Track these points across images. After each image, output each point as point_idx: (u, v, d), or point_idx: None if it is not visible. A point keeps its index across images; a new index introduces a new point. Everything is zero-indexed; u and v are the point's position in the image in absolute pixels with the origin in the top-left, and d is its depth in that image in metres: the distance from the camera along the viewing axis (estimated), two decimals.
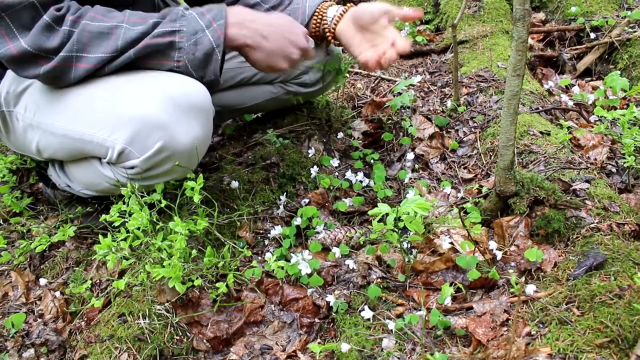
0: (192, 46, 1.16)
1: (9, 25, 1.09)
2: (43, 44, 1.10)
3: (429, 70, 2.19)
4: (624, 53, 2.19)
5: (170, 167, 1.20)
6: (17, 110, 1.33)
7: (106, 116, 1.17)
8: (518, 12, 1.20)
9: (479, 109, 1.82)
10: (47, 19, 1.10)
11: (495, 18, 2.33)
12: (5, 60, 1.13)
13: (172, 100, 1.14)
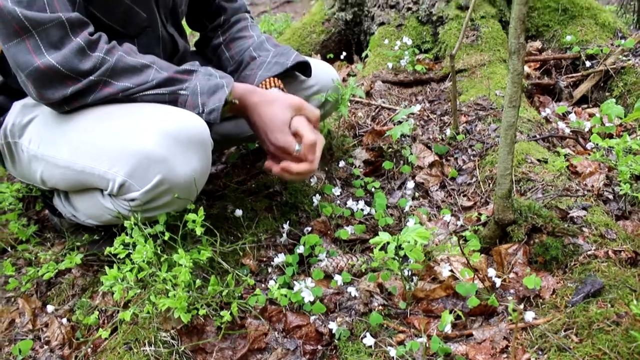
0: (205, 79, 1.24)
1: (37, 42, 1.12)
2: (75, 66, 1.14)
3: (428, 98, 2.24)
4: (619, 81, 2.23)
5: (170, 199, 1.23)
6: (21, 142, 1.37)
7: (107, 150, 1.21)
8: (513, 46, 1.23)
9: (478, 137, 1.86)
10: (82, 42, 1.14)
11: (492, 47, 2.38)
12: (31, 77, 1.15)
13: (171, 134, 1.17)
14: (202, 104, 1.23)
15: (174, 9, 1.50)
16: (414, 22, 2.61)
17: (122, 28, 1.34)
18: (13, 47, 1.13)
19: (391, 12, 2.66)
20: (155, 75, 1.21)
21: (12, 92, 1.40)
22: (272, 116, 1.31)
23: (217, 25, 1.63)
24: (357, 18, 2.83)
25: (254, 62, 1.52)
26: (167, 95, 1.22)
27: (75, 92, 1.17)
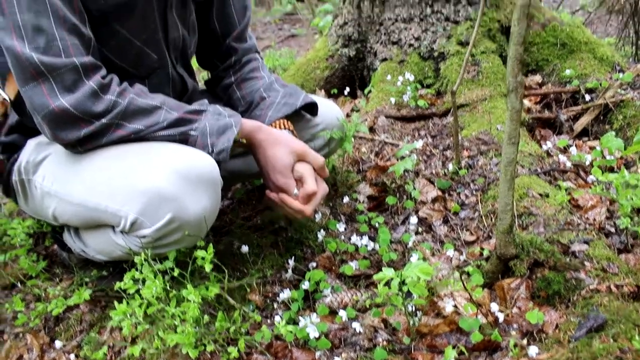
0: (214, 119, 1.29)
1: (52, 86, 1.16)
2: (88, 108, 1.18)
3: (431, 133, 2.27)
4: (618, 114, 2.26)
5: (180, 237, 1.26)
6: (35, 179, 1.41)
7: (120, 188, 1.24)
8: (511, 84, 1.27)
9: (480, 172, 1.89)
10: (94, 86, 1.18)
11: (493, 82, 2.43)
12: (46, 119, 1.19)
13: (182, 173, 1.20)
14: (212, 144, 1.27)
15: (184, 50, 1.55)
16: (416, 58, 2.66)
17: (134, 69, 1.39)
18: (29, 90, 1.17)
19: (393, 48, 2.72)
20: (166, 116, 1.25)
21: (27, 130, 1.44)
22: (275, 157, 1.37)
23: (229, 66, 1.67)
24: (360, 54, 2.89)
25: (263, 103, 1.56)
26: (178, 136, 1.27)
27: (88, 134, 1.21)
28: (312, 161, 1.42)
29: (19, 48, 1.13)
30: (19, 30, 1.13)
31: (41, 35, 1.14)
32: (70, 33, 1.17)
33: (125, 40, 1.34)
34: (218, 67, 1.69)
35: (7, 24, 1.13)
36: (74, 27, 1.18)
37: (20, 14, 1.13)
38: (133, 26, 1.33)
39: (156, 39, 1.41)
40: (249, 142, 1.37)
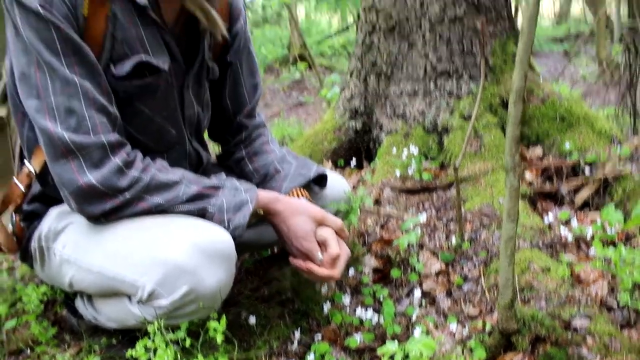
0: (231, 195, 1.35)
1: (80, 163, 1.24)
2: (113, 184, 1.25)
3: (435, 206, 2.33)
4: (618, 187, 2.32)
5: (195, 308, 1.30)
6: (55, 246, 1.46)
7: (140, 259, 1.29)
8: (509, 163, 1.34)
9: (483, 245, 1.94)
10: (119, 162, 1.26)
11: (495, 155, 2.50)
12: (73, 194, 1.26)
13: (200, 248, 1.26)
14: (228, 220, 1.33)
15: (198, 126, 1.64)
16: (421, 131, 2.76)
17: (155, 144, 1.47)
18: (59, 167, 1.25)
19: (399, 121, 2.82)
20: (185, 190, 1.33)
21: (48, 200, 1.51)
22: (297, 225, 1.44)
23: (239, 141, 1.75)
24: (366, 127, 2.99)
25: (278, 175, 1.64)
26: (197, 211, 1.33)
27: (113, 208, 1.28)
28: (332, 224, 1.48)
29: (52, 128, 1.21)
30: (52, 111, 1.22)
31: (72, 115, 1.22)
32: (99, 112, 1.26)
33: (147, 118, 1.43)
34: (229, 142, 1.77)
35: (41, 106, 1.22)
36: (102, 107, 1.27)
37: (54, 96, 1.22)
38: (155, 105, 1.42)
39: (175, 117, 1.50)
40: (267, 213, 1.44)
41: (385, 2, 2.86)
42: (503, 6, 2.89)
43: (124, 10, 1.29)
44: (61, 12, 1.19)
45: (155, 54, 1.36)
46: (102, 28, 1.27)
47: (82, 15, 1.23)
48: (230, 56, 1.62)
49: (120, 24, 1.29)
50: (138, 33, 1.32)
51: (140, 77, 1.35)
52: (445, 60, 2.77)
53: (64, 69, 1.21)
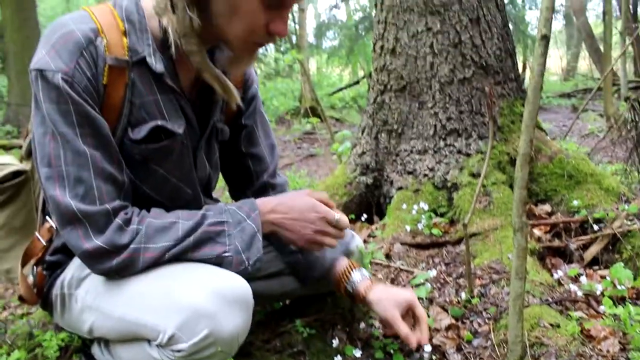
0: (239, 233, 1.38)
1: (86, 229, 1.29)
2: (116, 242, 1.30)
3: (444, 261, 2.37)
4: (627, 244, 2.34)
5: (213, 352, 1.33)
6: (77, 293, 1.51)
7: (161, 304, 1.33)
8: (517, 224, 1.38)
9: (492, 301, 1.96)
10: (119, 222, 1.31)
11: (504, 212, 2.55)
12: (81, 257, 1.32)
13: (220, 293, 1.30)
14: (247, 259, 1.38)
15: (208, 185, 1.70)
16: (430, 187, 2.82)
17: (170, 203, 1.52)
18: (67, 233, 1.31)
19: (409, 177, 2.89)
20: (184, 226, 1.35)
21: (70, 251, 1.57)
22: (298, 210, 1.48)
23: None
24: (377, 182, 3.06)
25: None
26: (214, 259, 1.37)
27: (120, 263, 1.32)
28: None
29: (60, 196, 1.28)
30: (62, 180, 1.28)
31: (81, 185, 1.29)
32: (106, 182, 1.32)
33: (162, 178, 1.49)
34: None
35: (52, 173, 1.29)
36: (110, 175, 1.33)
37: (65, 166, 1.28)
38: (170, 166, 1.49)
39: (191, 177, 1.56)
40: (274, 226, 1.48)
41: (396, 63, 2.98)
42: (510, 68, 3.00)
43: (141, 78, 1.36)
44: (82, 86, 1.26)
45: (171, 118, 1.43)
46: (120, 95, 1.35)
47: (102, 84, 1.31)
48: (244, 119, 1.70)
49: (138, 90, 1.36)
50: (155, 99, 1.40)
51: (156, 141, 1.41)
52: (454, 119, 2.86)
53: (77, 141, 1.28)
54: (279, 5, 1.28)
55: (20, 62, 10.76)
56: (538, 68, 1.40)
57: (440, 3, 2.86)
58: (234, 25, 1.29)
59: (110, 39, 1.31)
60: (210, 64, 1.38)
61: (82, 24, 1.29)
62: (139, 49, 1.34)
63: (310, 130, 10.40)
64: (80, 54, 1.26)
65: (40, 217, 1.65)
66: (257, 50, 1.41)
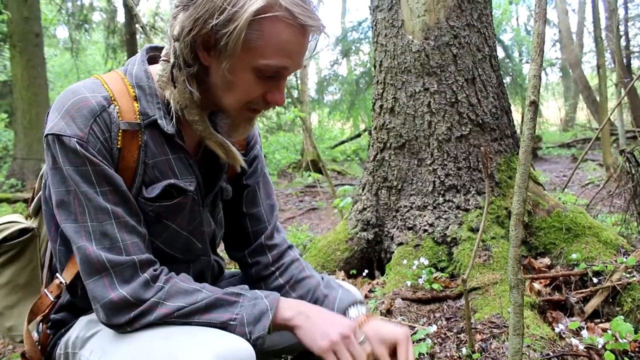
0: (252, 306, 1.39)
1: (112, 279, 1.32)
2: (141, 296, 1.33)
3: (445, 315, 2.39)
4: (627, 297, 2.37)
5: None
6: (81, 353, 1.52)
7: None
8: (512, 281, 1.43)
9: (493, 355, 1.98)
10: (147, 277, 1.35)
11: (503, 266, 2.58)
12: (105, 307, 1.33)
13: (222, 356, 1.33)
14: (249, 333, 1.39)
15: (213, 241, 1.75)
16: (430, 242, 2.87)
17: (182, 256, 1.57)
18: (92, 283, 1.35)
19: (409, 233, 2.94)
20: (205, 295, 1.38)
21: (77, 310, 1.59)
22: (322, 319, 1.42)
23: (268, 264, 1.75)
24: (377, 237, 3.11)
25: (327, 299, 1.67)
26: (219, 324, 1.40)
27: (136, 314, 1.36)
28: None
29: (90, 247, 1.33)
30: (89, 234, 1.34)
31: (106, 238, 1.35)
32: (130, 234, 1.38)
33: (175, 233, 1.54)
34: (253, 264, 1.80)
35: (79, 229, 1.35)
36: (133, 228, 1.39)
37: (90, 222, 1.35)
38: (182, 222, 1.54)
39: (201, 231, 1.61)
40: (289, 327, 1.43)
41: (395, 122, 3.08)
42: (506, 125, 3.10)
43: (153, 139, 1.43)
44: (96, 149, 1.33)
45: (183, 176, 1.50)
46: (134, 157, 1.42)
47: (117, 147, 1.38)
48: (246, 179, 1.75)
49: (150, 151, 1.43)
50: (167, 158, 1.46)
51: (169, 198, 1.48)
52: (452, 175, 2.94)
53: (98, 198, 1.34)
54: (274, 77, 1.34)
55: (27, 118, 11.03)
56: (528, 132, 1.48)
57: (437, 64, 2.97)
58: (231, 96, 1.36)
59: (122, 105, 1.39)
60: (212, 131, 1.44)
61: (95, 92, 1.37)
62: (150, 112, 1.42)
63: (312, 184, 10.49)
64: (94, 120, 1.33)
65: (46, 274, 1.69)
66: (255, 117, 1.46)
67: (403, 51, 3.06)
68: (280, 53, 1.29)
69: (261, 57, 1.28)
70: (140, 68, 1.46)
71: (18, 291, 1.73)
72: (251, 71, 1.31)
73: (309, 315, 1.42)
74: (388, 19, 3.15)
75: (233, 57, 1.30)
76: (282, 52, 1.29)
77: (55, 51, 24.17)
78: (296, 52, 1.32)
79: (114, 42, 14.74)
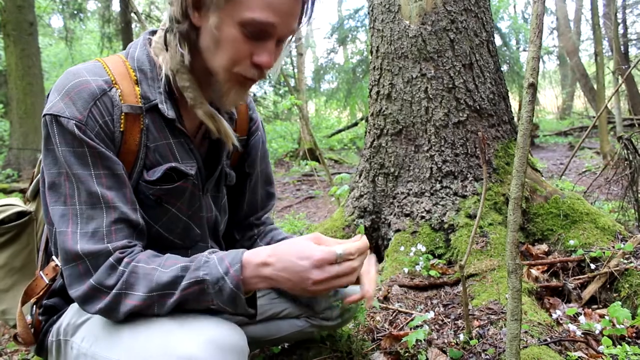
0: (218, 293, 1.32)
1: (87, 267, 1.30)
2: (104, 281, 1.30)
3: (442, 302, 2.38)
4: (624, 282, 2.36)
5: None
6: (73, 340, 1.51)
7: (157, 353, 1.33)
8: (510, 266, 1.41)
9: (490, 342, 1.97)
10: (112, 260, 1.31)
11: (501, 252, 2.58)
12: (76, 296, 1.31)
13: (214, 341, 1.31)
14: (235, 310, 1.36)
15: (215, 228, 1.73)
16: (428, 229, 2.86)
17: (181, 241, 1.56)
18: (67, 270, 1.32)
19: (406, 220, 2.93)
20: (159, 276, 1.30)
21: (68, 296, 1.57)
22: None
23: (251, 236, 1.83)
24: (375, 225, 3.10)
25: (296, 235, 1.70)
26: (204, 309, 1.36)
27: (105, 308, 1.33)
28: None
29: (69, 236, 1.31)
30: (75, 217, 1.32)
31: (92, 222, 1.32)
32: (117, 221, 1.35)
33: (174, 217, 1.52)
34: (237, 238, 1.85)
35: (66, 212, 1.33)
36: (122, 214, 1.36)
37: (79, 205, 1.32)
38: (182, 206, 1.53)
39: (200, 216, 1.60)
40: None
41: (392, 108, 3.06)
42: (504, 111, 3.08)
43: (154, 123, 1.43)
44: (94, 132, 1.32)
45: (184, 160, 1.49)
46: (137, 140, 1.41)
47: (120, 130, 1.37)
48: (247, 166, 1.75)
49: (152, 135, 1.42)
50: (168, 142, 1.46)
51: (170, 182, 1.46)
52: (450, 162, 2.92)
53: (91, 181, 1.32)
54: (261, 36, 1.31)
55: (22, 108, 11.00)
56: (526, 115, 1.46)
57: (434, 50, 2.95)
58: (219, 56, 1.33)
59: (123, 89, 1.37)
60: (203, 100, 1.43)
61: (97, 75, 1.36)
62: (151, 96, 1.40)
63: (309, 172, 10.49)
64: (94, 103, 1.32)
65: (42, 258, 1.67)
66: (245, 84, 1.40)
67: (400, 36, 3.03)
68: (265, 7, 1.26)
69: (246, 9, 1.26)
70: (142, 51, 1.45)
71: (14, 274, 1.72)
72: (237, 26, 1.28)
73: (274, 262, 1.31)
74: (385, 4, 3.12)
75: (219, 10, 1.28)
76: (267, 6, 1.26)
77: (50, 40, 24.05)
78: (283, 10, 1.28)
79: (109, 31, 14.67)
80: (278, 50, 1.39)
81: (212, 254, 1.36)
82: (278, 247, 1.35)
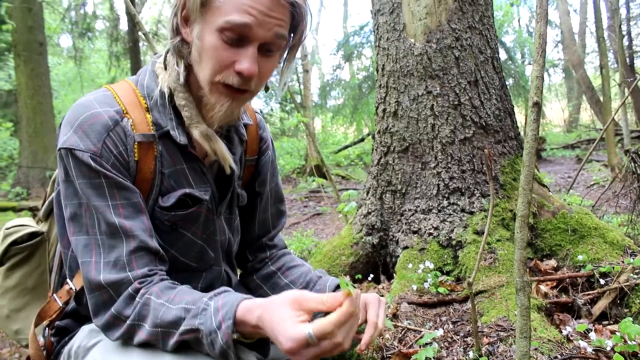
0: (210, 346, 1.28)
1: (111, 296, 1.32)
2: (122, 311, 1.33)
3: (451, 319, 2.38)
4: (635, 298, 2.35)
5: None
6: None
7: None
8: (518, 284, 1.42)
9: (500, 359, 1.97)
10: (130, 290, 1.33)
11: (509, 269, 2.57)
12: (99, 324, 1.34)
13: None
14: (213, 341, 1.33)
15: (229, 250, 1.74)
16: (435, 246, 2.86)
17: (195, 264, 1.57)
18: (92, 299, 1.34)
19: (414, 237, 2.93)
20: (165, 313, 1.28)
21: (80, 317, 1.59)
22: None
23: (263, 259, 1.81)
24: (382, 242, 3.11)
25: (321, 280, 1.68)
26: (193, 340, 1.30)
27: (123, 334, 1.35)
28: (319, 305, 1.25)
29: (92, 266, 1.33)
30: (98, 247, 1.34)
31: (113, 251, 1.34)
32: (137, 249, 1.36)
33: (189, 242, 1.54)
34: (249, 260, 1.85)
35: (89, 241, 1.35)
36: (142, 242, 1.37)
37: (100, 235, 1.35)
38: (196, 230, 1.54)
39: (214, 240, 1.61)
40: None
41: (398, 126, 3.08)
42: (510, 127, 3.09)
43: (167, 149, 1.44)
44: (110, 163, 1.34)
45: (197, 185, 1.50)
46: (151, 167, 1.42)
47: (134, 160, 1.38)
48: (258, 185, 1.76)
49: (166, 161, 1.44)
50: (181, 168, 1.47)
51: (184, 208, 1.48)
52: (457, 178, 2.93)
53: (109, 212, 1.34)
54: (241, 42, 1.31)
55: (32, 126, 11.12)
56: (532, 133, 1.47)
57: (439, 67, 2.97)
58: (203, 66, 1.34)
59: (135, 118, 1.39)
60: (200, 119, 1.44)
61: (108, 105, 1.37)
62: (162, 123, 1.42)
63: (316, 189, 10.50)
64: (107, 134, 1.34)
65: (55, 279, 1.68)
66: (231, 96, 1.38)
67: (405, 54, 3.06)
68: (238, 8, 1.27)
69: (223, 14, 1.27)
70: (151, 78, 1.47)
71: (26, 294, 1.74)
72: (216, 32, 1.29)
73: (263, 327, 1.22)
74: (390, 23, 3.15)
75: (202, 21, 1.30)
76: (240, 7, 1.27)
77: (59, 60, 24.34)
78: (258, 9, 1.28)
79: (117, 49, 14.83)
80: (268, 60, 1.38)
81: (212, 299, 1.30)
82: (264, 314, 1.23)
